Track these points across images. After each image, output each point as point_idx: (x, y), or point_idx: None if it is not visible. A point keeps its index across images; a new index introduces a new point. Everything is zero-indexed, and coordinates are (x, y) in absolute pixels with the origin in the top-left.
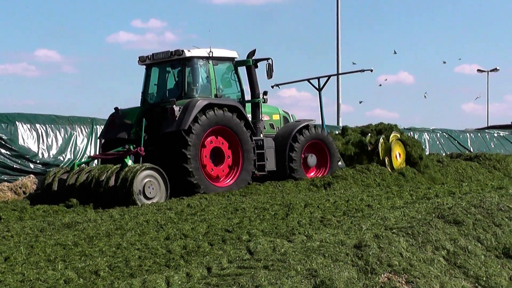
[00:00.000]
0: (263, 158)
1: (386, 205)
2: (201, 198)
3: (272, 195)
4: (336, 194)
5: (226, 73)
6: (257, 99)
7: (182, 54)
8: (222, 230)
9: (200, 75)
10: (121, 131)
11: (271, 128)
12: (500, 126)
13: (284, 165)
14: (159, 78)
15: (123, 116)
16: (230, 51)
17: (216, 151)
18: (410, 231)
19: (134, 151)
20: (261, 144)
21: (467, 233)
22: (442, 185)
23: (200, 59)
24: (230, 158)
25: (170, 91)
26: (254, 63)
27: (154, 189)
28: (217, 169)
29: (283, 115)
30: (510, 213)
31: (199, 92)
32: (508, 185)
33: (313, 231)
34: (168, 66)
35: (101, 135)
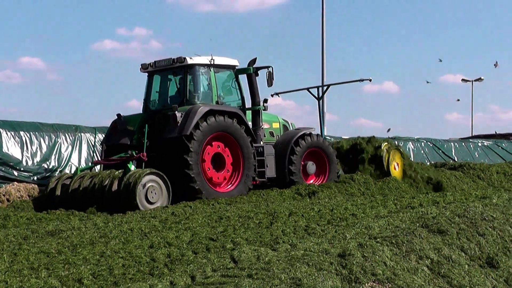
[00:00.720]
0: (263, 165)
1: (370, 214)
2: (186, 206)
3: (257, 204)
4: (320, 203)
5: (227, 80)
6: (258, 107)
7: (184, 61)
8: (206, 238)
9: (201, 82)
10: (124, 137)
11: (270, 136)
12: (484, 135)
13: (284, 172)
14: (161, 85)
15: (125, 122)
16: (231, 59)
17: (217, 157)
18: (394, 240)
19: (137, 156)
20: (261, 151)
21: (451, 243)
22: (426, 195)
23: (202, 66)
24: (231, 164)
25: (171, 98)
26: (255, 71)
27: (156, 194)
28: (218, 175)
29: (282, 123)
30: (494, 223)
31: (201, 99)
32: (492, 194)
33: (297, 240)
34: (170, 73)
35: (103, 141)
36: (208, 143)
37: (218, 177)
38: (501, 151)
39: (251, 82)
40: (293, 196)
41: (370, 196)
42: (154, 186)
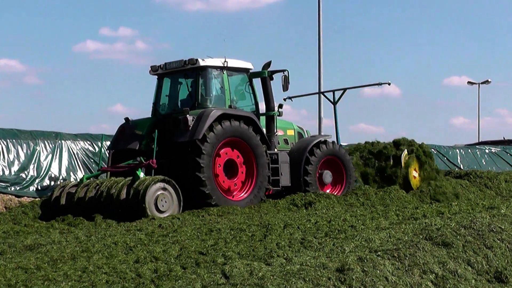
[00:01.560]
0: (277, 173)
1: (370, 226)
2: (174, 218)
3: (249, 215)
4: (317, 214)
5: (240, 84)
6: (272, 112)
7: (196, 63)
8: (196, 252)
9: (214, 86)
10: (131, 142)
11: (285, 144)
12: (491, 141)
13: (299, 180)
14: (171, 88)
15: (133, 126)
16: (245, 62)
17: (229, 164)
18: (396, 253)
19: (146, 163)
20: (275, 158)
21: (457, 256)
22: (430, 205)
23: (215, 69)
24: (243, 172)
25: (182, 101)
26: (270, 75)
27: (166, 202)
28: (230, 182)
29: (297, 131)
30: (502, 235)
31: (213, 102)
32: (500, 204)
33: (292, 253)
34: (181, 75)
35: (110, 146)
36: (220, 148)
37: (230, 185)
38: (509, 158)
39: (266, 86)
40: (288, 207)
41: (370, 207)
42: (165, 194)
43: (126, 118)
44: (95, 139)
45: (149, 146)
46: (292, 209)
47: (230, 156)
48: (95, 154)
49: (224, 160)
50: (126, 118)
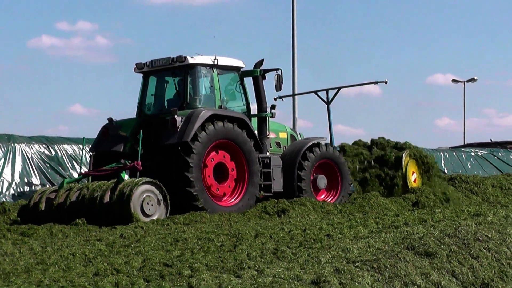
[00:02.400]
0: (269, 178)
1: (348, 234)
2: (136, 227)
3: (218, 224)
4: (291, 222)
5: (231, 83)
6: (265, 114)
7: (184, 61)
8: (160, 264)
9: (203, 85)
10: (115, 143)
11: (277, 147)
12: (478, 144)
13: (292, 186)
14: (157, 87)
15: (117, 127)
16: (236, 60)
17: (219, 167)
18: (376, 264)
19: (131, 165)
20: (267, 162)
21: (440, 267)
22: (412, 212)
23: (204, 67)
24: (234, 176)
25: (170, 101)
26: (262, 74)
27: (153, 205)
28: (220, 187)
29: (290, 133)
30: (489, 244)
31: (202, 102)
32: (487, 211)
33: (264, 265)
34: (168, 74)
35: (92, 148)
36: (210, 151)
37: (220, 189)
38: (497, 161)
39: (258, 86)
40: (260, 215)
41: (348, 214)
42: (151, 197)
43: (109, 118)
44: (51, 142)
45: (134, 148)
46: (264, 217)
47: (220, 160)
48: (52, 158)
49: (214, 164)
50: (109, 118)
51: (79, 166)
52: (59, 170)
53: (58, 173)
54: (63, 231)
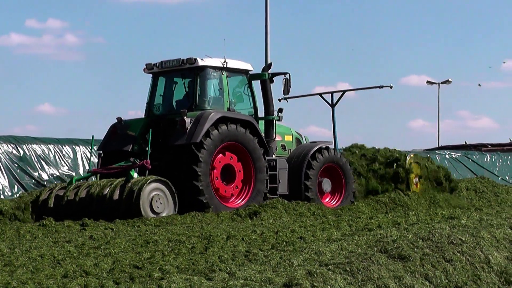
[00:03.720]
0: (275, 180)
1: (321, 237)
2: (106, 229)
3: (190, 226)
4: (263, 225)
5: (239, 86)
6: (272, 117)
7: (194, 62)
8: (130, 266)
9: (212, 87)
10: (124, 143)
11: (282, 150)
12: (452, 146)
13: (298, 188)
14: (167, 87)
15: (125, 127)
16: (244, 63)
17: (227, 169)
18: (349, 267)
19: (140, 163)
20: (273, 165)
21: (414, 270)
22: (386, 214)
23: (214, 69)
24: (241, 177)
25: (178, 102)
26: (270, 77)
27: (162, 203)
28: (227, 188)
29: (296, 137)
30: (463, 247)
31: (211, 104)
32: (461, 214)
33: (236, 267)
34: (178, 75)
35: (100, 147)
36: (218, 152)
37: (227, 191)
38: (471, 164)
39: (265, 89)
40: (232, 217)
41: (321, 217)
42: (160, 195)
43: (118, 118)
44: (20, 142)
45: (143, 148)
46: (236, 219)
47: (228, 161)
48: (21, 158)
49: (221, 166)
50: (118, 118)
51: (48, 166)
52: (28, 171)
53: (27, 173)
54: (31, 232)
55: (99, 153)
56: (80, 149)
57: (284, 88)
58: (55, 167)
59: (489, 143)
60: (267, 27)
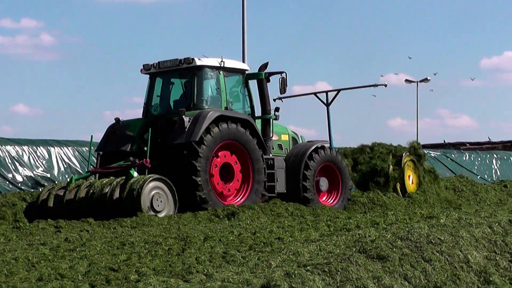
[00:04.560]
0: (273, 179)
1: (299, 238)
2: (82, 231)
3: (166, 227)
4: (241, 226)
5: (236, 86)
6: (268, 116)
7: (192, 62)
8: (106, 268)
9: (210, 86)
10: (122, 143)
11: (279, 149)
12: (431, 145)
13: (295, 187)
14: (164, 88)
15: (124, 127)
16: (241, 62)
17: (225, 168)
18: (327, 268)
19: (140, 163)
20: (271, 163)
21: (393, 270)
22: (365, 214)
23: (211, 69)
24: (239, 176)
25: (176, 102)
26: (267, 77)
27: (162, 202)
28: (226, 187)
29: (292, 136)
30: (442, 247)
31: (209, 103)
32: (440, 214)
33: (213, 269)
34: (175, 75)
35: (99, 148)
36: (217, 151)
37: (226, 189)
38: (450, 163)
39: (262, 88)
40: (210, 218)
41: (299, 217)
42: (160, 194)
43: (116, 118)
44: None
45: (141, 148)
46: (214, 220)
47: (227, 160)
48: None
49: (220, 164)
50: (116, 118)
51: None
52: (1, 172)
53: (0, 175)
54: (5, 235)
55: (98, 153)
56: (55, 150)
57: (280, 87)
58: (29, 169)
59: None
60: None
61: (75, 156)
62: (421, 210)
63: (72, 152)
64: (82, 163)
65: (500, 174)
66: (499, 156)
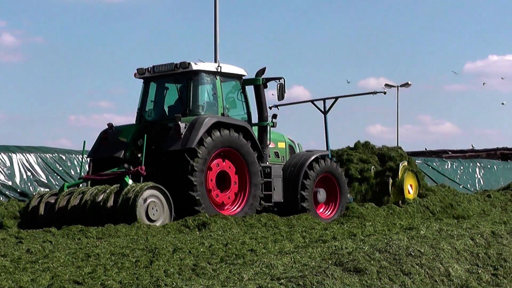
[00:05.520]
0: (270, 188)
1: (273, 249)
2: (45, 242)
3: (134, 238)
4: (212, 237)
5: (232, 91)
6: (266, 123)
7: (188, 67)
8: (70, 281)
9: (206, 91)
10: (115, 149)
11: (275, 157)
12: (412, 153)
13: (293, 198)
14: (158, 93)
15: (117, 133)
16: (238, 68)
17: (221, 175)
18: (302, 281)
19: (134, 170)
20: (268, 172)
21: (370, 284)
22: (342, 225)
23: (207, 73)
24: (236, 183)
25: (171, 107)
26: (264, 83)
27: (158, 210)
28: (222, 195)
29: (289, 143)
30: (422, 259)
31: (205, 109)
32: (420, 225)
33: (183, 282)
34: (171, 80)
35: (90, 154)
36: (213, 159)
37: (222, 198)
38: (431, 171)
39: (259, 94)
40: (179, 229)
41: (273, 228)
42: (156, 202)
43: (109, 124)
44: None
45: (134, 154)
46: (184, 230)
47: (222, 168)
48: None
49: (216, 172)
50: (109, 124)
51: None
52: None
53: None
54: None
55: (90, 159)
56: (17, 156)
57: (278, 93)
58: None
59: (450, 150)
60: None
61: (38, 163)
62: (400, 221)
63: (35, 159)
64: (46, 170)
65: (484, 184)
66: (483, 164)
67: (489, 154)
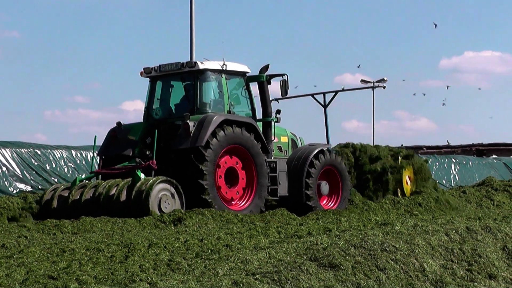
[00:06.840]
0: (275, 182)
1: (248, 245)
2: (20, 237)
3: (109, 233)
4: (187, 232)
5: (237, 88)
6: (270, 118)
7: (194, 66)
8: (45, 276)
9: (213, 90)
10: (124, 147)
11: (278, 151)
12: None
13: (297, 190)
14: (165, 91)
15: (125, 131)
16: (242, 65)
17: (230, 172)
18: (277, 276)
19: (146, 164)
20: (273, 166)
21: (345, 279)
22: (317, 221)
23: (213, 72)
24: (244, 180)
25: (178, 106)
26: (268, 79)
27: (169, 203)
28: (230, 191)
29: (291, 137)
30: (397, 255)
31: (212, 107)
32: (395, 220)
33: (158, 277)
34: (177, 79)
35: (100, 152)
36: (222, 155)
37: (231, 193)
38: None
39: (263, 91)
40: (155, 224)
41: (248, 223)
42: (167, 195)
43: (118, 122)
44: None
45: (143, 152)
46: (159, 226)
47: (231, 164)
48: None
49: (225, 169)
50: (118, 122)
51: None
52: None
53: None
54: None
55: (100, 156)
56: None
57: (281, 89)
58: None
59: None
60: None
61: (13, 158)
62: (376, 217)
63: (11, 154)
64: (21, 165)
65: (459, 180)
66: (458, 160)
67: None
